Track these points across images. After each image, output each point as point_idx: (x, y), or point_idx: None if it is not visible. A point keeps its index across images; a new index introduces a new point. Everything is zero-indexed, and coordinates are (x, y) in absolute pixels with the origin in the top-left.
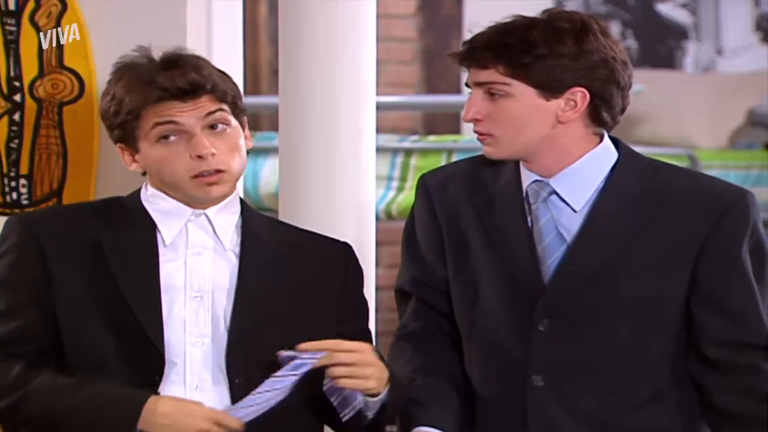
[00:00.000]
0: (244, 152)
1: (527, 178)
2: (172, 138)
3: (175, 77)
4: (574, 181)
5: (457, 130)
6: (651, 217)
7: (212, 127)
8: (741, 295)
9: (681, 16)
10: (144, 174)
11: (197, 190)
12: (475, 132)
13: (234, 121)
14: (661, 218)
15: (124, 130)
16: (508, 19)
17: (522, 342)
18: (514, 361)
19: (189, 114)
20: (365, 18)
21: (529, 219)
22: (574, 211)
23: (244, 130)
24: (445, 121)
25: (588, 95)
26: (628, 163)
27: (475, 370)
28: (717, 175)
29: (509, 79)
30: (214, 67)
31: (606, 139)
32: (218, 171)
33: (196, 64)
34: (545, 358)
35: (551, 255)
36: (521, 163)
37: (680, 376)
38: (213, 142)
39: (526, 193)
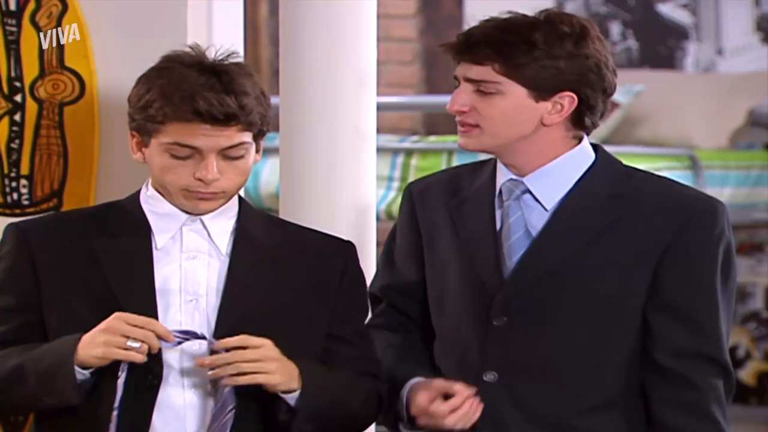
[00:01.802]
0: (249, 173)
1: (503, 176)
2: (185, 159)
3: (213, 102)
4: (548, 180)
5: (457, 131)
6: (616, 219)
7: (227, 154)
8: (700, 305)
9: (681, 16)
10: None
11: (187, 200)
12: (459, 122)
13: (252, 148)
14: (626, 220)
15: (143, 125)
16: (507, 16)
17: (479, 339)
18: (470, 358)
19: (211, 139)
20: (365, 18)
21: (499, 217)
22: (545, 210)
23: (258, 151)
24: (445, 121)
25: (576, 100)
26: (602, 167)
27: (440, 368)
28: (717, 175)
29: (502, 77)
30: (257, 85)
31: (585, 142)
32: (214, 193)
33: (242, 88)
34: (499, 354)
35: (516, 252)
36: (498, 162)
37: (636, 386)
38: (223, 168)
39: (500, 191)
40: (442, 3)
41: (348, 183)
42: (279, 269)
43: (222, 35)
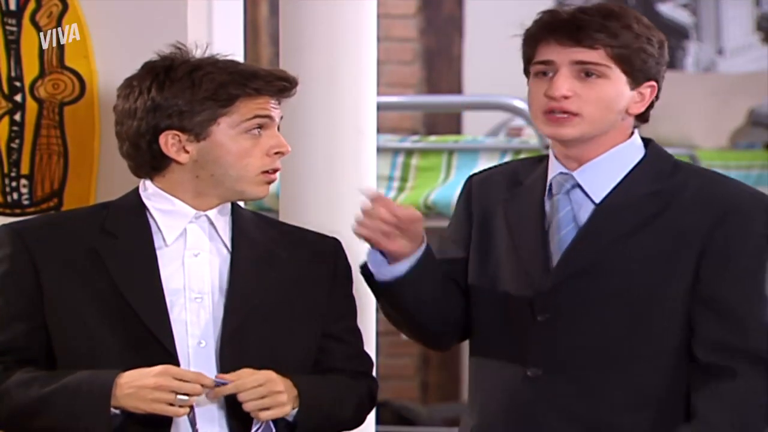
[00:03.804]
0: None
1: (554, 170)
2: (259, 131)
3: (275, 73)
4: (597, 174)
5: (457, 130)
6: (654, 214)
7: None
8: (740, 299)
9: (681, 16)
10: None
11: (260, 186)
12: (557, 109)
13: None
14: (664, 216)
15: (200, 119)
16: (594, 4)
17: (522, 333)
18: (513, 352)
19: (276, 113)
20: (365, 18)
21: (549, 211)
22: (594, 203)
23: None
24: (445, 121)
25: (656, 90)
26: (651, 162)
27: (476, 360)
28: None
29: (612, 62)
30: None
31: (635, 136)
32: (276, 170)
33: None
34: (542, 350)
35: (563, 247)
36: (551, 156)
37: (678, 387)
38: None
39: (550, 185)
40: (442, 3)
41: (348, 183)
42: (276, 267)
43: (222, 35)
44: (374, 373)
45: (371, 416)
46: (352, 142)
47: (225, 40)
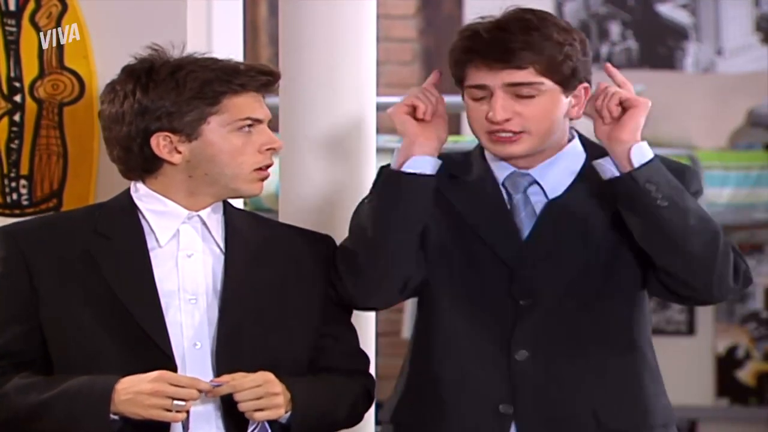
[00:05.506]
0: None
1: (502, 170)
2: (249, 129)
3: (257, 68)
4: (552, 172)
5: (457, 131)
6: (604, 208)
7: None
8: None
9: (681, 16)
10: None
11: (254, 183)
12: (504, 131)
13: None
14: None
15: (189, 120)
16: (506, 17)
17: (504, 316)
18: (494, 336)
19: (264, 110)
20: (365, 18)
21: (509, 206)
22: (547, 199)
23: None
24: None
25: (590, 89)
26: (593, 152)
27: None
28: (717, 175)
29: (542, 78)
30: None
31: (575, 135)
32: (269, 166)
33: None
34: (530, 332)
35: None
36: (492, 157)
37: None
38: None
39: (503, 185)
40: (442, 3)
41: (348, 183)
42: (269, 266)
43: (222, 36)
44: (371, 371)
45: (371, 416)
46: (352, 142)
47: (224, 41)
